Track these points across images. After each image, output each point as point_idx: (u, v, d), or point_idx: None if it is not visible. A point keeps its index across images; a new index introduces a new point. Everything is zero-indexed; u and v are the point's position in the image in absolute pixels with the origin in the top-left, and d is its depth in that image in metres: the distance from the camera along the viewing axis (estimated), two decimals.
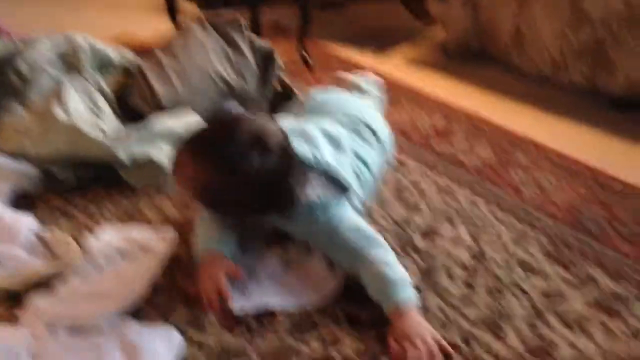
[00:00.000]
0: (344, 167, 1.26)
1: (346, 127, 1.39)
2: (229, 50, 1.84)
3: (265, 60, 1.91)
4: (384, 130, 1.49)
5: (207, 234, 1.23)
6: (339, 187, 1.22)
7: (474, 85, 2.30)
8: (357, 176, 1.30)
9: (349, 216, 1.21)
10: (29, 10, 3.24)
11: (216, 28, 1.88)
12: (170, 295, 1.17)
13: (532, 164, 1.68)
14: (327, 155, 1.25)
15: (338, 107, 1.49)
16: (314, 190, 1.18)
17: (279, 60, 1.93)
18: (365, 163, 1.34)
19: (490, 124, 1.93)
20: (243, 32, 1.91)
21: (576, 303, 1.16)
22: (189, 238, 1.29)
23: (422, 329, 1.05)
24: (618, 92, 2.01)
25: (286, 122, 1.28)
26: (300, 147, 1.20)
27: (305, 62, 2.42)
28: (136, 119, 1.65)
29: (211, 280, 1.13)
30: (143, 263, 1.23)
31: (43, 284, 1.17)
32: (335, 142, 1.30)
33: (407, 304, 1.08)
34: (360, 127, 1.41)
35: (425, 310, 1.13)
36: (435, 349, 1.02)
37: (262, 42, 1.93)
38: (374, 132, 1.43)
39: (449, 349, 1.03)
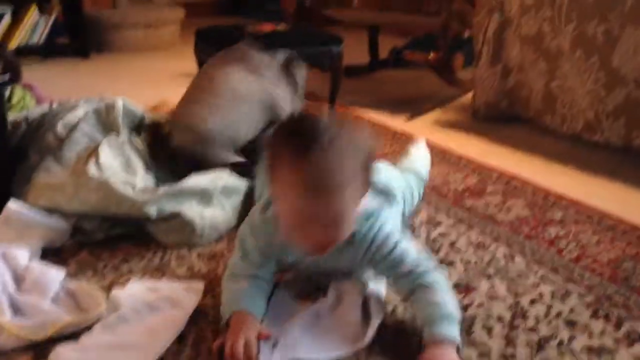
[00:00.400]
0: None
1: None
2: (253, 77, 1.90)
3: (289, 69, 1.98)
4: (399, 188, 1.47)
5: (239, 292, 1.19)
6: (384, 194, 1.23)
7: (506, 146, 2.29)
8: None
9: (407, 237, 1.21)
10: (69, 82, 3.37)
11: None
12: (196, 347, 1.13)
13: (570, 221, 1.63)
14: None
15: None
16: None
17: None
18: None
19: (524, 182, 1.90)
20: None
21: (624, 359, 1.09)
22: (216, 289, 1.27)
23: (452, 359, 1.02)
24: None
25: None
26: None
27: None
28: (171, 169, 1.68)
29: (243, 342, 1.08)
30: (170, 316, 1.21)
31: (68, 336, 1.14)
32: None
33: (448, 338, 1.05)
34: None
35: None
36: None
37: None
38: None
39: None
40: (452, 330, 1.07)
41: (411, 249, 1.19)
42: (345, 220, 1.06)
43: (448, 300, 1.11)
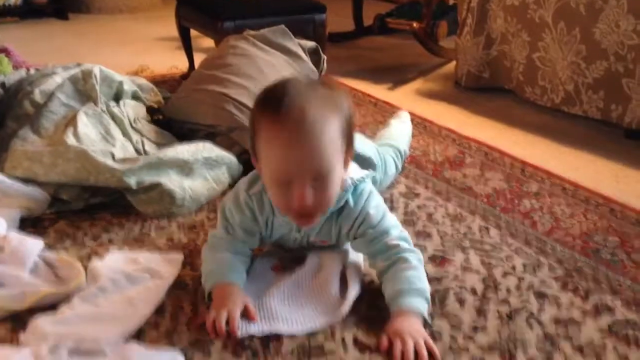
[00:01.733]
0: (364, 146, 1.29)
1: None
2: (288, 59, 1.88)
3: (314, 56, 1.98)
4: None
5: (222, 262, 1.20)
6: (366, 165, 1.24)
7: (486, 117, 2.30)
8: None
9: (386, 209, 1.22)
10: (47, 44, 3.31)
11: (266, 41, 1.92)
12: (175, 318, 1.15)
13: (545, 194, 1.66)
14: None
15: None
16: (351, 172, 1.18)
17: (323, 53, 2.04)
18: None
19: (503, 153, 1.92)
20: (291, 37, 1.97)
21: (590, 330, 1.12)
22: (195, 260, 1.28)
23: (415, 330, 1.05)
24: (633, 124, 2.00)
25: None
26: None
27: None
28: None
29: (225, 316, 1.08)
30: (149, 287, 1.22)
31: (47, 307, 1.16)
32: None
33: (414, 309, 1.09)
34: None
35: (435, 336, 1.10)
36: (423, 350, 1.02)
37: (306, 41, 2.03)
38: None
39: (438, 355, 1.03)
40: (420, 304, 1.10)
41: (396, 223, 1.22)
42: (331, 178, 1.07)
43: (421, 277, 1.14)
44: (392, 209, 1.55)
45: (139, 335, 1.10)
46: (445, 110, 2.39)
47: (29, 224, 1.46)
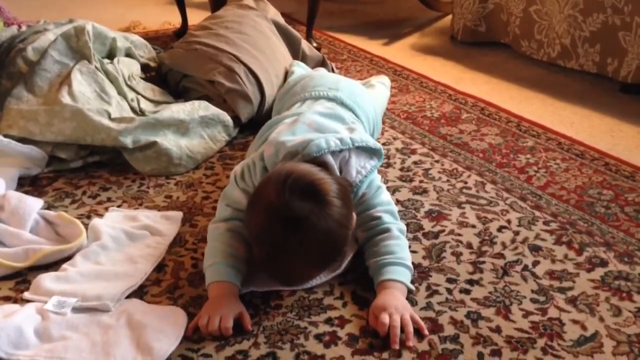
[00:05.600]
0: (361, 133, 1.27)
1: (330, 100, 1.43)
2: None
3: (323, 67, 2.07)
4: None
5: (224, 258, 1.11)
6: (372, 152, 1.23)
7: (482, 71, 2.29)
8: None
9: (382, 186, 1.24)
10: (39, 1, 3.24)
11: (282, 32, 2.03)
12: (175, 275, 1.17)
13: (540, 148, 1.67)
14: (343, 130, 1.25)
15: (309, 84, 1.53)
16: (356, 169, 1.19)
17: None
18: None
19: (498, 108, 1.92)
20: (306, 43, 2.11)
21: (584, 283, 1.15)
22: (194, 217, 1.30)
23: (401, 304, 1.05)
24: (628, 78, 1.99)
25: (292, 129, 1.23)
26: (324, 140, 1.15)
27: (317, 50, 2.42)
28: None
29: (218, 318, 1.01)
30: (150, 244, 1.24)
31: (50, 265, 1.17)
32: (336, 117, 1.31)
33: (397, 282, 1.09)
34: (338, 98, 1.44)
35: (432, 290, 1.12)
36: (409, 325, 1.01)
37: (316, 53, 2.12)
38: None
39: (424, 328, 1.02)
40: (403, 274, 1.10)
41: (388, 200, 1.23)
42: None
43: (402, 246, 1.15)
44: (388, 165, 1.56)
45: (141, 291, 1.12)
46: (440, 65, 2.37)
47: (28, 182, 1.46)
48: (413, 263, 1.16)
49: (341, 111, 1.37)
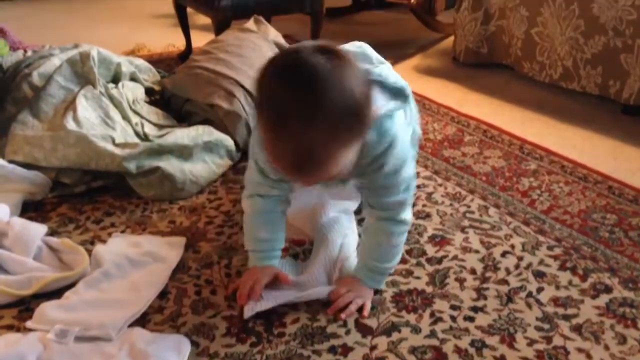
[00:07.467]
0: (384, 70, 1.12)
1: None
2: None
3: None
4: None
5: (264, 241, 1.20)
6: (397, 94, 1.09)
7: (485, 93, 2.30)
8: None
9: (407, 160, 1.10)
10: (42, 24, 3.28)
11: None
12: (179, 302, 1.17)
13: (543, 172, 1.67)
14: (367, 65, 1.12)
15: None
16: (377, 103, 1.02)
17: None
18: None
19: (501, 131, 1.93)
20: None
21: (589, 310, 1.14)
22: (198, 243, 1.30)
23: (364, 292, 1.16)
24: (630, 100, 2.00)
25: None
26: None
27: None
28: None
29: (251, 283, 1.15)
30: (153, 271, 1.24)
31: (53, 292, 1.17)
32: (364, 56, 1.21)
33: (367, 283, 1.18)
34: None
35: (436, 317, 1.12)
36: (354, 306, 1.13)
37: None
38: None
39: (366, 311, 1.13)
40: (380, 283, 1.20)
41: (408, 177, 1.12)
42: (339, 172, 0.96)
43: (394, 255, 1.19)
44: None
45: (143, 319, 1.12)
46: (443, 87, 2.38)
47: (31, 208, 1.47)
48: (416, 289, 1.18)
49: (370, 52, 1.26)
